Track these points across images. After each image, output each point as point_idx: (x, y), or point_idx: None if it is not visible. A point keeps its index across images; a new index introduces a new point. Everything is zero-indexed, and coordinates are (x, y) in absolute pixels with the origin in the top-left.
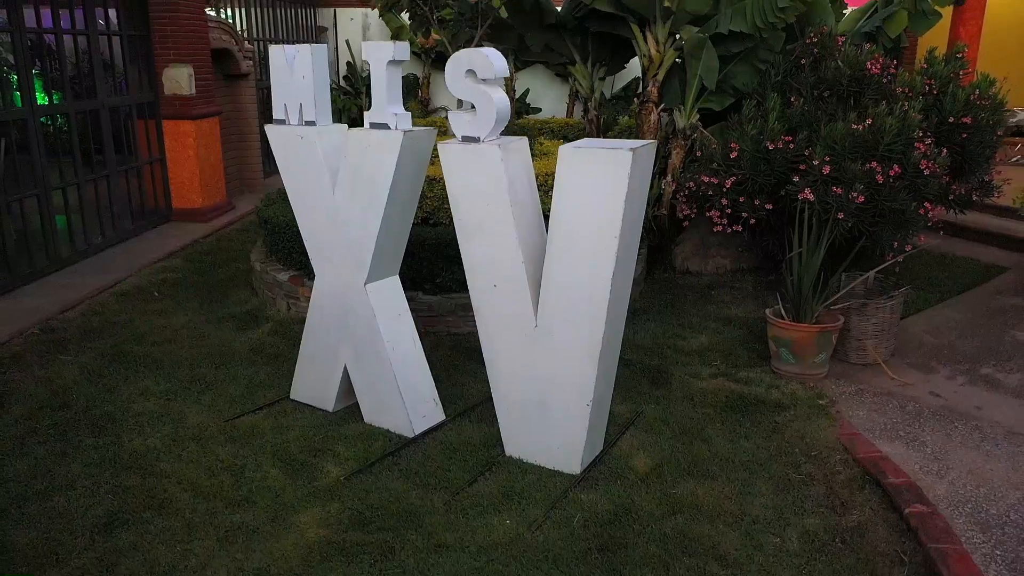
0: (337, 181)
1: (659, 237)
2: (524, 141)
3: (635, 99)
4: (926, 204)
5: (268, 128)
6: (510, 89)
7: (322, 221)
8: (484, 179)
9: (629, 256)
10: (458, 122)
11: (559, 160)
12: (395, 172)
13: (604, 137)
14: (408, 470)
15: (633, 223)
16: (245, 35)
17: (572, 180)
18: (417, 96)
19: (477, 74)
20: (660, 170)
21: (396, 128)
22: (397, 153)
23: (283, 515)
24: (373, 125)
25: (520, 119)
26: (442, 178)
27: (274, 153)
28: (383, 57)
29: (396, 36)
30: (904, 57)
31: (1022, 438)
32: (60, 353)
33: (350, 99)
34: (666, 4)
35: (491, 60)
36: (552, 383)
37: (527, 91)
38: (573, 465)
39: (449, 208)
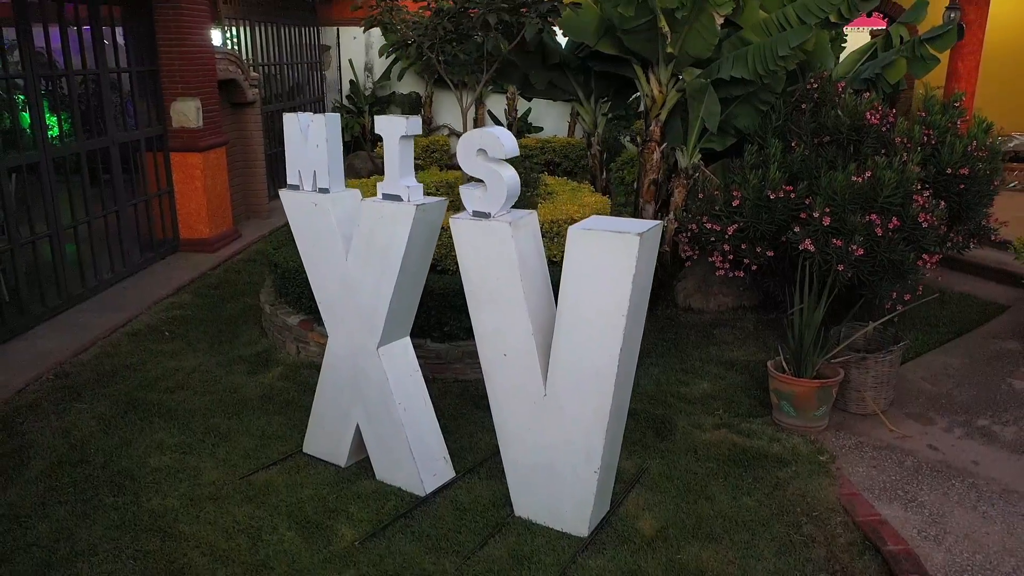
0: (350, 248)
1: (662, 273)
2: (533, 216)
3: (635, 118)
4: (924, 256)
5: (282, 193)
6: (512, 109)
7: (335, 286)
8: (495, 253)
9: (636, 331)
10: (469, 197)
11: (568, 240)
12: (407, 243)
13: (606, 169)
14: (420, 532)
15: (640, 301)
16: (250, 60)
17: (581, 260)
18: (420, 115)
19: (488, 153)
20: (663, 208)
21: (409, 201)
22: (410, 226)
23: None
24: (386, 196)
25: (522, 138)
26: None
27: (288, 217)
28: (395, 132)
29: (399, 59)
30: (902, 96)
31: (1017, 496)
32: (75, 401)
33: (353, 118)
34: (669, 50)
35: (501, 141)
36: (560, 450)
37: (528, 111)
38: (581, 528)
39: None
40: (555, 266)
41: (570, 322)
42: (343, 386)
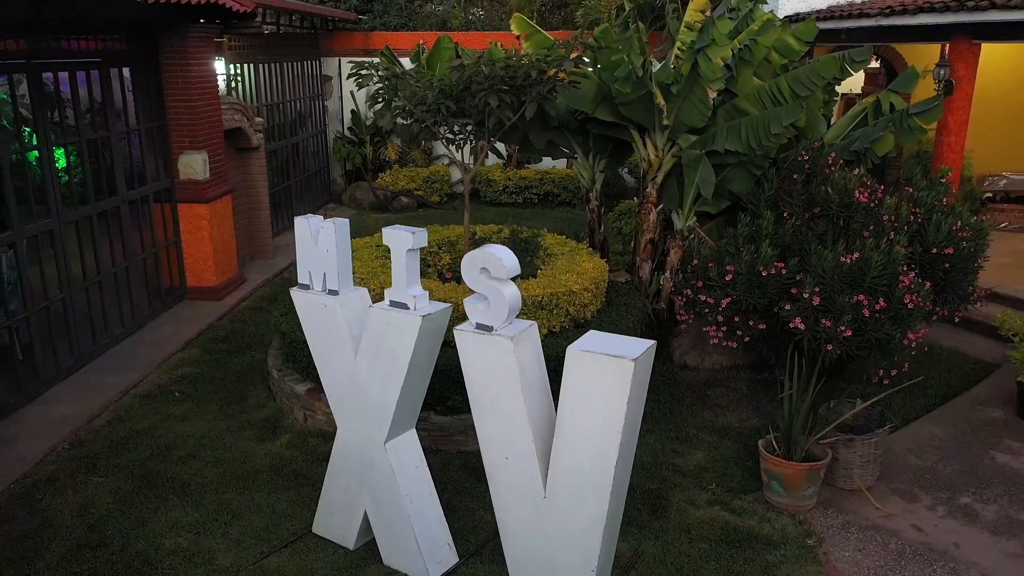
0: (359, 349)
1: (659, 330)
2: (534, 327)
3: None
4: (910, 336)
5: (294, 292)
6: (511, 144)
7: (344, 383)
8: (497, 365)
9: (630, 443)
10: (473, 310)
11: (567, 360)
12: (414, 349)
13: (602, 222)
14: None
15: (635, 414)
16: (254, 102)
17: (579, 379)
18: (420, 146)
19: (490, 272)
20: (659, 265)
21: (415, 310)
22: (416, 334)
23: None
24: (393, 303)
25: (521, 169)
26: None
27: (299, 316)
28: (403, 246)
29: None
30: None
31: None
32: (91, 473)
33: (354, 148)
34: (665, 122)
35: (503, 263)
36: (559, 547)
37: None
38: None
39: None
40: (553, 336)
41: (569, 434)
42: (352, 474)
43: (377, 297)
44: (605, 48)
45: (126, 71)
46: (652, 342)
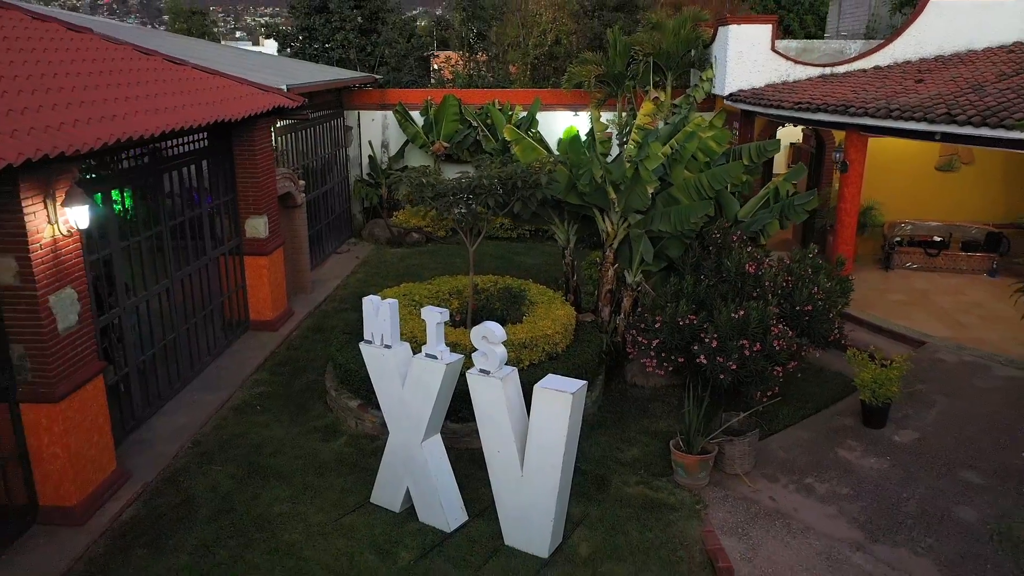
0: (405, 384)
1: (616, 357)
2: (515, 372)
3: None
4: (777, 369)
5: (362, 346)
6: (505, 218)
7: (395, 404)
8: (492, 396)
9: (573, 442)
10: (477, 361)
11: (534, 394)
12: (440, 384)
13: (575, 271)
14: (448, 555)
15: (575, 425)
16: (295, 165)
17: (541, 405)
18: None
19: (488, 340)
20: (616, 308)
21: (441, 360)
22: (442, 376)
23: None
24: (427, 355)
25: None
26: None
27: (365, 362)
28: (435, 320)
29: (412, 139)
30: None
31: (812, 532)
32: (211, 464)
33: (371, 189)
34: (617, 209)
35: (496, 334)
36: (531, 507)
37: None
38: (543, 552)
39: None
40: (532, 367)
41: (535, 437)
42: (398, 464)
43: (406, 337)
44: (571, 163)
45: (210, 160)
46: (584, 382)
